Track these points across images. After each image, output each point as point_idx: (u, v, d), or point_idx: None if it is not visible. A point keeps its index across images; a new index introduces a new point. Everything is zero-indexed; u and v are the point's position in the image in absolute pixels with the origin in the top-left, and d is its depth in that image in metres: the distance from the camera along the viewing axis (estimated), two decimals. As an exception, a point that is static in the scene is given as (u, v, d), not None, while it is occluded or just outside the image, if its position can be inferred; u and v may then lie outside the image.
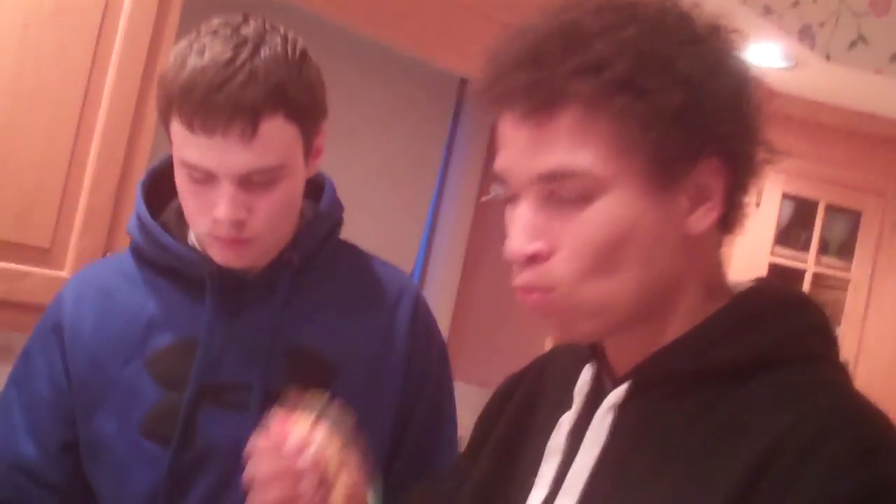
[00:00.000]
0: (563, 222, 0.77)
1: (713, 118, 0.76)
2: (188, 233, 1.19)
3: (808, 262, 3.05)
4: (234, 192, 1.07)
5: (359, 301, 1.25)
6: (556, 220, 0.77)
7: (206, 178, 1.08)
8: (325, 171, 1.28)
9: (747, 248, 2.90)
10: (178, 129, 1.07)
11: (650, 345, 0.81)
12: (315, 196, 1.25)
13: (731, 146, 0.78)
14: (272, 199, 1.10)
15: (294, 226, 1.20)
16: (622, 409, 0.81)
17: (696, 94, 0.75)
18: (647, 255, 0.77)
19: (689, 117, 0.75)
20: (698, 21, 0.79)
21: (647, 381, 0.81)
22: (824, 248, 3.10)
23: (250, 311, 1.18)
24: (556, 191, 0.77)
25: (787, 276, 2.99)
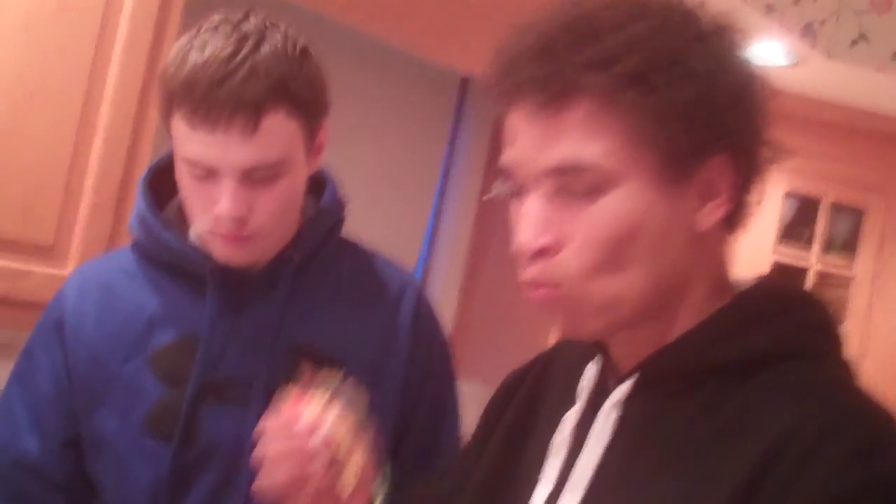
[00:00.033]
0: (573, 216, 0.77)
1: (723, 114, 0.76)
2: (189, 229, 1.19)
3: (811, 260, 3.05)
4: (235, 188, 1.07)
5: (361, 298, 1.25)
6: (566, 214, 0.77)
7: (207, 175, 1.08)
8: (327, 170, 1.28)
9: (750, 245, 2.90)
10: (180, 125, 1.07)
11: (656, 342, 0.81)
12: (317, 192, 1.25)
13: (740, 143, 0.78)
14: (274, 195, 1.10)
15: (296, 222, 1.20)
16: (626, 406, 0.81)
17: (706, 90, 0.75)
18: (656, 250, 0.77)
19: (699, 112, 0.75)
20: (703, 19, 0.79)
21: (652, 377, 0.80)
22: (827, 245, 3.09)
23: (252, 308, 1.17)
24: (567, 184, 0.76)
25: (791, 274, 2.99)
